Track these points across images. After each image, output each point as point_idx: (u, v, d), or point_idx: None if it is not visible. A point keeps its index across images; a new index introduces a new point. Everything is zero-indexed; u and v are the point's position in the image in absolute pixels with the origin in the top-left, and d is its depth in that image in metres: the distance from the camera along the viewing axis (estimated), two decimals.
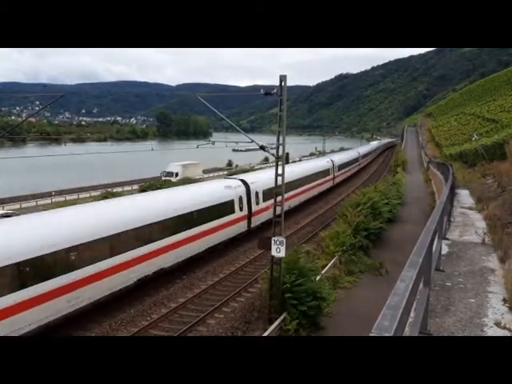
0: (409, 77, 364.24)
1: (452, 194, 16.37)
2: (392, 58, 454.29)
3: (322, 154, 78.79)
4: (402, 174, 44.16)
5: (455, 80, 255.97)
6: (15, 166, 64.60)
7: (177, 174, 50.95)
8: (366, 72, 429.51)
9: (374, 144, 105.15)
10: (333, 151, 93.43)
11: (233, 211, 22.94)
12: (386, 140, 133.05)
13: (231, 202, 22.93)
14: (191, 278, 19.22)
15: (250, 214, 24.69)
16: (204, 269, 20.37)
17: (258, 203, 25.37)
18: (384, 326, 2.37)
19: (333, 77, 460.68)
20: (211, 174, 63.53)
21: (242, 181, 24.97)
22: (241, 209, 23.68)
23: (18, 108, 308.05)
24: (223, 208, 22.07)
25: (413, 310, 4.50)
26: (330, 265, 18.81)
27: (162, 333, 14.44)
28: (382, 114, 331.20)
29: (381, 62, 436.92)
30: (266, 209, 25.31)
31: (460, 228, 14.15)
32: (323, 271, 17.54)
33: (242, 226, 24.01)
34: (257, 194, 25.40)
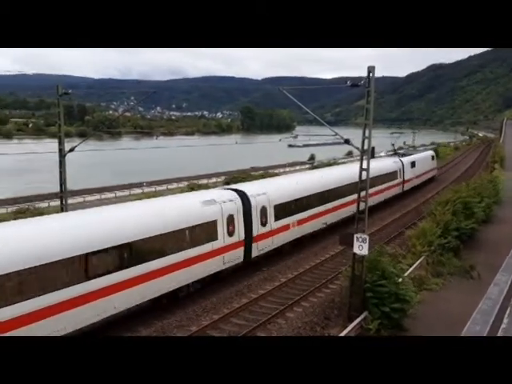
0: (508, 67, 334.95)
1: None
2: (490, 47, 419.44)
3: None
4: (500, 171, 40.97)
5: None
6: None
7: None
8: (460, 62, 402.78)
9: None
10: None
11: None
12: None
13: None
14: (271, 271, 19.44)
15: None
16: (283, 263, 20.50)
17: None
18: (475, 330, 2.23)
19: (424, 67, 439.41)
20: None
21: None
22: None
23: (115, 103, 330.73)
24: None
25: (506, 315, 4.20)
26: (415, 265, 18.01)
27: (242, 322, 14.80)
28: (478, 106, 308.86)
29: (477, 52, 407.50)
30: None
31: None
32: (409, 271, 16.85)
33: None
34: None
